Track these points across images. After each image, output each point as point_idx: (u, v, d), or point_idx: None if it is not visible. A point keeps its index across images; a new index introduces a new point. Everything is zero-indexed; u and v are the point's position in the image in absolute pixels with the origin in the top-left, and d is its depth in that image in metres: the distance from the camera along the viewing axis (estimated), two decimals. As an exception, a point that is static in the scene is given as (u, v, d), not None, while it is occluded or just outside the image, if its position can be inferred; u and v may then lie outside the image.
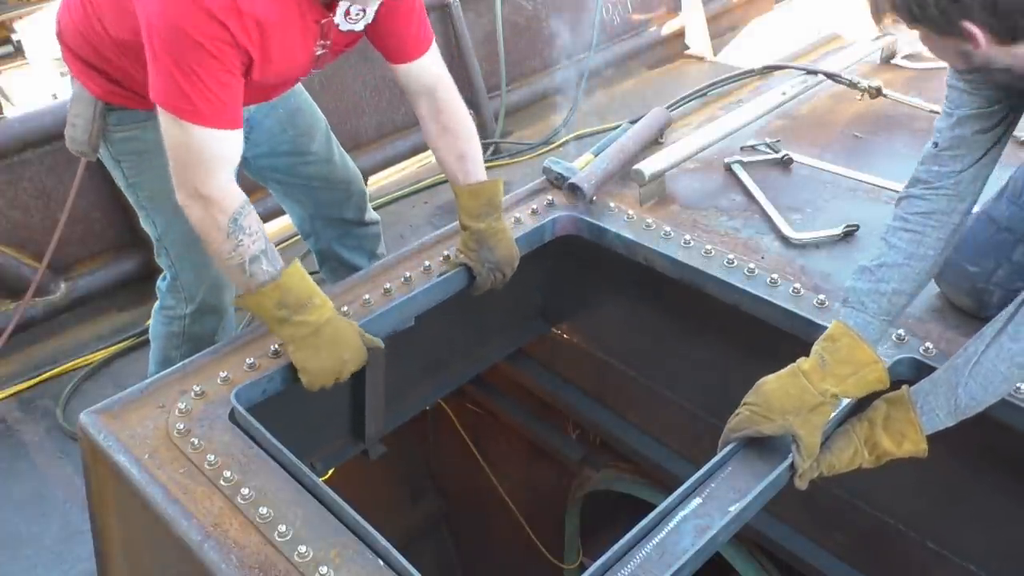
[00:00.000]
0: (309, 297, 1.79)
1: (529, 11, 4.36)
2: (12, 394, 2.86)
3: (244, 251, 1.74)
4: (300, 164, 2.41)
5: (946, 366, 1.60)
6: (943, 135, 1.63)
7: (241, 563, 1.46)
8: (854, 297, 1.65)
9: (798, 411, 1.57)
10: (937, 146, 1.62)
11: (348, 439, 2.34)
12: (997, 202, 1.87)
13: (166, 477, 1.63)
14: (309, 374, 1.80)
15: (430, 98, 2.10)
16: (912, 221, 1.64)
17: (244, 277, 1.76)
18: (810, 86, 2.88)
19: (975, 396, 1.53)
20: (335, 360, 1.80)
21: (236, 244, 1.73)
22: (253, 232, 1.75)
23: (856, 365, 1.58)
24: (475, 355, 2.68)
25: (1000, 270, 1.83)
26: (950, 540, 2.01)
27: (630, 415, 2.69)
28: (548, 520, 3.35)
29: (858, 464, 1.63)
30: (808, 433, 1.57)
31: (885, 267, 1.64)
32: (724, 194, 2.47)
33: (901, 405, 1.60)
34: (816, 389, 1.56)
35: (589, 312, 2.71)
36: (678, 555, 1.47)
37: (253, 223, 1.76)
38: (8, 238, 2.97)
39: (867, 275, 1.65)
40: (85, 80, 2.01)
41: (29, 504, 2.49)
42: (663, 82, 4.78)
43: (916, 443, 1.58)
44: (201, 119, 1.69)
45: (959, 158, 1.61)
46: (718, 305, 2.09)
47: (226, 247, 1.74)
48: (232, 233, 1.72)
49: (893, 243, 1.65)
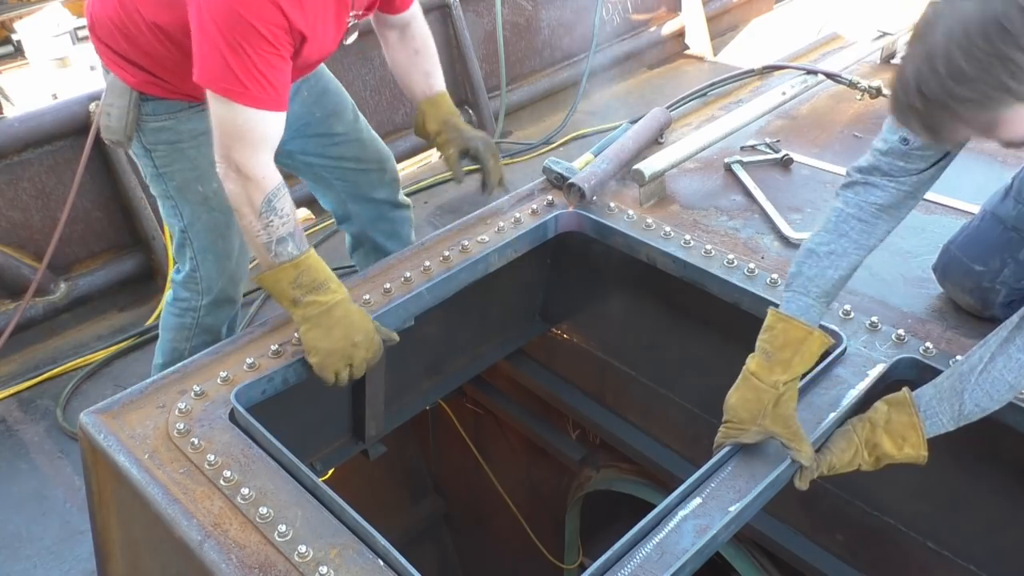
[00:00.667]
0: (325, 280, 1.85)
1: (529, 11, 4.36)
2: (12, 394, 2.87)
3: (273, 231, 1.80)
4: (330, 145, 2.40)
5: (949, 372, 1.59)
6: (918, 137, 1.54)
7: (241, 563, 1.46)
8: (798, 282, 1.65)
9: (764, 413, 1.59)
10: (908, 143, 1.55)
11: (348, 439, 2.34)
12: (1003, 201, 1.87)
13: (166, 477, 1.63)
14: (319, 354, 1.82)
15: (403, 30, 2.27)
16: (866, 211, 1.62)
17: (268, 255, 1.82)
18: (810, 86, 2.88)
19: (980, 403, 1.53)
20: (345, 342, 1.82)
21: (267, 224, 1.79)
22: (285, 215, 1.81)
23: (795, 344, 1.59)
24: (475, 355, 2.68)
25: (1007, 269, 1.84)
26: (950, 540, 2.01)
27: (630, 415, 2.69)
28: (548, 520, 3.35)
29: (857, 465, 1.63)
30: (784, 427, 1.59)
31: (835, 255, 1.63)
32: (724, 194, 2.47)
33: (903, 408, 1.60)
34: (767, 384, 1.59)
35: (589, 312, 2.71)
36: (678, 555, 1.47)
37: (286, 206, 1.82)
38: (8, 238, 2.98)
39: (814, 260, 1.64)
40: (119, 71, 2.02)
41: (29, 504, 2.49)
42: (663, 82, 4.79)
43: (917, 447, 1.58)
44: (250, 100, 1.74)
45: (927, 158, 1.57)
46: (718, 305, 2.10)
47: (256, 225, 1.79)
48: (264, 213, 1.78)
49: (844, 231, 1.63)
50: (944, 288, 1.96)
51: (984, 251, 1.86)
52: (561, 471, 3.17)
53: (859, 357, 1.83)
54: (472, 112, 4.16)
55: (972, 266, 1.87)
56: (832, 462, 1.62)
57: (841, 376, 1.78)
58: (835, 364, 1.81)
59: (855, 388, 1.75)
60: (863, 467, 1.63)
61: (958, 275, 1.90)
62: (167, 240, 3.17)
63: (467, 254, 2.20)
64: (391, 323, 2.05)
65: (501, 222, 2.30)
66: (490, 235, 2.26)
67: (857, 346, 1.86)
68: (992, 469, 1.88)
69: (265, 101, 1.75)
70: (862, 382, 1.76)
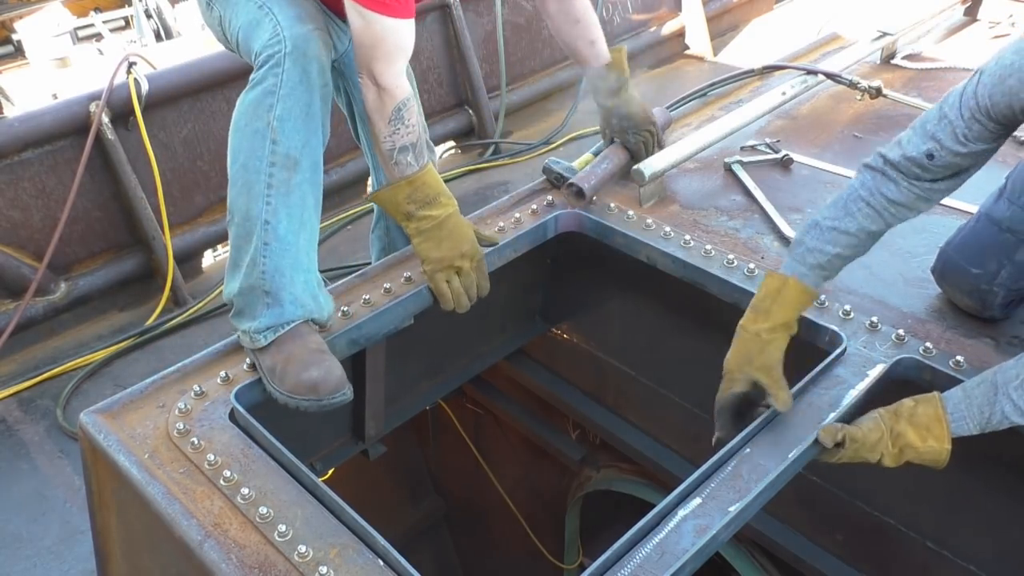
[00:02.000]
0: (436, 195, 1.95)
1: (529, 11, 4.35)
2: (12, 394, 2.86)
3: (397, 139, 1.90)
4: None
5: (980, 379, 1.59)
6: (944, 155, 1.59)
7: (241, 563, 1.46)
8: (798, 251, 1.73)
9: (749, 360, 1.71)
10: (932, 159, 1.60)
11: (348, 439, 2.34)
12: (997, 202, 1.87)
13: (166, 477, 1.63)
14: (431, 263, 1.98)
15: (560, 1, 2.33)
16: (877, 199, 1.67)
17: (390, 164, 1.92)
18: (810, 86, 2.88)
19: (1009, 415, 1.53)
20: (453, 252, 1.98)
21: (393, 131, 1.89)
22: (410, 125, 1.91)
23: (773, 294, 1.71)
24: (475, 355, 2.68)
25: (1003, 271, 1.83)
26: (950, 540, 2.01)
27: (630, 415, 2.70)
28: (548, 520, 3.36)
29: (880, 454, 1.61)
30: (766, 374, 1.69)
31: (836, 231, 1.69)
32: (724, 194, 2.47)
33: (929, 402, 1.61)
34: (751, 333, 1.71)
35: (589, 312, 2.71)
36: (678, 555, 1.47)
37: (413, 117, 1.92)
38: (8, 238, 2.97)
39: (817, 232, 1.71)
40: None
41: (29, 504, 2.49)
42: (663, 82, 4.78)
43: (941, 440, 1.58)
44: (384, 8, 1.82)
45: (947, 174, 1.63)
46: (718, 305, 2.10)
47: (385, 131, 1.89)
48: (392, 121, 1.88)
49: (852, 211, 1.69)
50: (943, 290, 1.97)
51: (980, 254, 1.86)
52: (561, 471, 3.17)
53: (859, 357, 1.83)
54: (472, 112, 4.16)
55: (969, 269, 1.87)
56: (854, 434, 1.61)
57: (841, 376, 1.78)
58: (835, 364, 1.81)
59: (855, 388, 1.75)
60: (885, 459, 1.62)
61: (955, 278, 1.91)
62: (167, 240, 3.18)
63: (467, 254, 2.20)
64: (391, 323, 2.05)
65: (501, 222, 2.30)
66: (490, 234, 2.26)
67: (857, 346, 1.86)
68: (992, 469, 1.88)
69: (397, 9, 1.83)
70: (862, 382, 1.76)
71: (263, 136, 1.84)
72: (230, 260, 1.94)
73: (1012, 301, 1.86)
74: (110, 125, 3.01)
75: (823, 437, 1.62)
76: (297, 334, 1.87)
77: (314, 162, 1.91)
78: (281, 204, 1.86)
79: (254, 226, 1.86)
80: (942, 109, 1.60)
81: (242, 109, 1.90)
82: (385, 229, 2.58)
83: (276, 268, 1.86)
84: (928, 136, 1.60)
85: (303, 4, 1.93)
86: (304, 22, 1.87)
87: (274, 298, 1.87)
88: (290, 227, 1.88)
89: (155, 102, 3.11)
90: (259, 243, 1.86)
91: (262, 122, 1.84)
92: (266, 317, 1.87)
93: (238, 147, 1.89)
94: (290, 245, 1.88)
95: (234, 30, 1.98)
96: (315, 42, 1.86)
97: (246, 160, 1.86)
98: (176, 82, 3.20)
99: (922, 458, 1.61)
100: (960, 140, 1.57)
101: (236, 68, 3.26)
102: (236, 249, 1.92)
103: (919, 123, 1.64)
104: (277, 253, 1.87)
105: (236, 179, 1.89)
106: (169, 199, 3.20)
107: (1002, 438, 1.62)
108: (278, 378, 1.83)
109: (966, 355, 1.78)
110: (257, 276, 1.86)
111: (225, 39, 2.08)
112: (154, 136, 3.14)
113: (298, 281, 1.90)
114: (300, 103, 1.85)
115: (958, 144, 1.57)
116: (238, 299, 1.90)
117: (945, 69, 3.05)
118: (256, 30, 1.89)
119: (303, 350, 1.84)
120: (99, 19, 8.65)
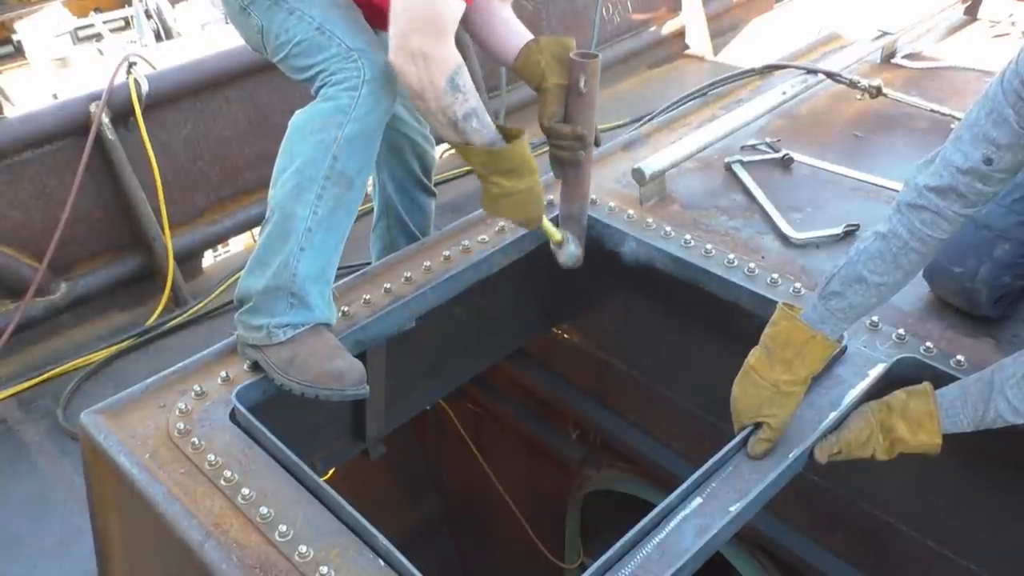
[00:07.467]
0: (513, 168, 1.89)
1: (529, 11, 4.35)
2: (12, 394, 2.86)
3: (458, 109, 1.82)
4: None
5: (977, 377, 1.58)
6: (1003, 155, 1.38)
7: (242, 563, 1.46)
8: (839, 306, 1.57)
9: (759, 409, 1.62)
10: (991, 164, 1.39)
11: (349, 439, 2.34)
12: None
13: (166, 477, 1.63)
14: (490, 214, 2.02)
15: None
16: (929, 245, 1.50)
17: (456, 135, 1.85)
18: (810, 86, 2.88)
19: (1003, 413, 1.53)
20: (513, 219, 1.98)
21: (451, 103, 1.81)
22: (467, 90, 1.83)
23: (797, 346, 1.59)
24: (475, 355, 2.68)
25: (982, 268, 1.83)
26: (950, 539, 2.01)
27: (630, 415, 2.70)
28: (548, 520, 3.36)
29: (872, 449, 1.62)
30: (775, 424, 1.61)
31: (885, 287, 1.55)
32: (724, 194, 2.47)
33: (921, 396, 1.61)
34: (767, 381, 1.60)
35: (589, 312, 2.71)
36: (678, 555, 1.47)
37: (468, 82, 1.83)
38: (8, 238, 2.97)
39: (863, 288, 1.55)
40: None
41: (29, 504, 2.49)
42: (663, 82, 4.78)
43: (932, 434, 1.58)
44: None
45: (1004, 181, 1.42)
46: (719, 304, 2.10)
47: (440, 104, 1.81)
48: (447, 92, 1.80)
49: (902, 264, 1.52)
50: (932, 290, 1.96)
51: (960, 252, 1.85)
52: (562, 471, 3.17)
53: (859, 357, 1.83)
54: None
55: (951, 268, 1.87)
56: (848, 439, 1.62)
57: (841, 376, 1.78)
58: (835, 364, 1.81)
59: (855, 388, 1.75)
60: (877, 454, 1.62)
61: (941, 278, 1.91)
62: (168, 240, 3.18)
63: (468, 254, 2.20)
64: (392, 324, 2.05)
65: (502, 222, 2.30)
66: (491, 235, 2.27)
67: (857, 346, 1.86)
68: (993, 468, 1.88)
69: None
70: (862, 382, 1.76)
71: (327, 149, 1.87)
72: (256, 256, 1.95)
73: (1003, 297, 1.86)
74: (110, 125, 3.01)
75: (819, 456, 1.63)
76: (317, 331, 1.91)
77: (362, 186, 1.96)
78: (326, 217, 1.90)
79: (295, 230, 1.88)
80: (980, 111, 1.40)
81: (308, 117, 1.93)
82: (385, 228, 2.57)
83: (307, 274, 1.89)
84: (978, 140, 1.39)
85: (363, 28, 1.96)
86: (377, 49, 1.91)
87: (300, 300, 1.90)
88: (327, 240, 1.91)
89: (155, 102, 3.11)
90: (295, 247, 1.89)
91: (329, 136, 1.87)
92: (289, 315, 1.89)
93: (298, 151, 1.91)
94: (323, 256, 1.92)
95: (281, 43, 1.99)
96: (393, 76, 1.90)
97: (303, 166, 1.88)
98: (176, 82, 3.20)
99: (913, 451, 1.61)
100: (1018, 129, 1.36)
101: (236, 68, 3.27)
102: (266, 248, 1.93)
103: (955, 136, 1.45)
104: (311, 260, 1.90)
105: (287, 180, 1.90)
106: (169, 199, 3.20)
107: (1003, 437, 1.62)
108: (298, 369, 1.85)
109: (966, 354, 1.78)
110: (287, 278, 1.88)
111: (263, 47, 2.06)
112: (154, 136, 3.14)
113: (324, 290, 1.94)
114: (368, 129, 1.91)
115: (1017, 135, 1.36)
116: (259, 296, 1.91)
117: (945, 68, 3.05)
118: (319, 52, 1.93)
119: (325, 345, 1.88)
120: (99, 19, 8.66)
